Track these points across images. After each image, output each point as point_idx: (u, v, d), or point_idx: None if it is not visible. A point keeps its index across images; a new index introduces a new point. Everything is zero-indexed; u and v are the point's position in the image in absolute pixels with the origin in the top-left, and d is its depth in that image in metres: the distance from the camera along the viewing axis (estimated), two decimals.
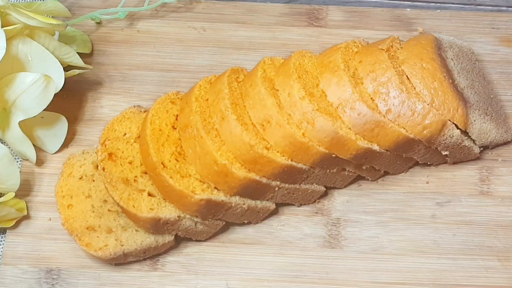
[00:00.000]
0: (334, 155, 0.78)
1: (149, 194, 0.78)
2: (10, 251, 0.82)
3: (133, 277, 0.81)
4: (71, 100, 0.90)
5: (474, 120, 0.82)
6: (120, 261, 0.80)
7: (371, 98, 0.79)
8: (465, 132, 0.82)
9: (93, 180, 0.82)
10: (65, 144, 0.88)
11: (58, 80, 0.83)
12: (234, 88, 0.80)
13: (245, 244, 0.83)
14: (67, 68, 0.87)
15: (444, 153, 0.82)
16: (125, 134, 0.82)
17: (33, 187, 0.86)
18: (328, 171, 0.80)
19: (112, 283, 0.81)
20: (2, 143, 0.86)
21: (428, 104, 0.79)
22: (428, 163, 0.86)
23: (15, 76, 0.82)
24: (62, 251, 0.82)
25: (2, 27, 0.81)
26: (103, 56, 0.94)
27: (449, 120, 0.80)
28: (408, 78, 0.81)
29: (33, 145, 0.85)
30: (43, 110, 0.82)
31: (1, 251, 0.82)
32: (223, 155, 0.76)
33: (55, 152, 0.88)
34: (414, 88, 0.80)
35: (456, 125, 0.80)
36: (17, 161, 0.87)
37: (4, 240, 0.83)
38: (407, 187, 0.86)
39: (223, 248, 0.83)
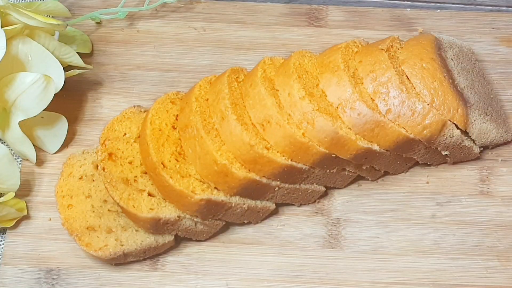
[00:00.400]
0: (334, 155, 0.78)
1: (149, 194, 0.78)
2: (10, 251, 0.82)
3: (133, 277, 0.81)
4: (71, 100, 0.90)
5: (474, 120, 0.82)
6: (120, 261, 0.80)
7: (371, 98, 0.79)
8: (465, 132, 0.82)
9: (93, 180, 0.82)
10: (65, 144, 0.88)
11: (58, 80, 0.83)
12: (234, 88, 0.80)
13: (245, 244, 0.83)
14: (67, 68, 0.87)
15: (444, 153, 0.82)
16: (125, 134, 0.82)
17: (33, 187, 0.86)
18: (328, 171, 0.80)
19: (112, 283, 0.81)
20: (2, 143, 0.86)
21: (428, 104, 0.79)
22: (428, 163, 0.86)
23: (15, 76, 0.82)
24: (62, 251, 0.82)
25: (2, 27, 0.81)
26: (103, 56, 0.94)
27: (449, 120, 0.80)
28: (408, 78, 0.81)
29: (33, 145, 0.85)
30: (43, 110, 0.82)
31: (1, 251, 0.82)
32: (223, 155, 0.76)
33: (55, 152, 0.88)
34: (414, 88, 0.80)
35: (456, 125, 0.80)
36: (17, 161, 0.87)
37: (4, 240, 0.83)
38: (407, 187, 0.86)
39: (223, 248, 0.83)
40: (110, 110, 0.90)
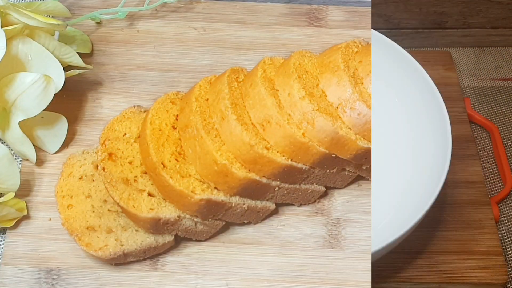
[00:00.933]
0: (334, 155, 0.78)
1: (149, 194, 0.78)
2: (10, 251, 0.82)
3: (133, 277, 0.81)
4: (71, 100, 0.90)
5: None
6: (120, 261, 0.80)
7: (371, 98, 0.79)
8: None
9: (93, 180, 0.82)
10: (65, 144, 0.88)
11: (58, 80, 0.83)
12: (234, 88, 0.80)
13: (245, 244, 0.83)
14: (67, 68, 0.87)
15: None
16: (125, 134, 0.82)
17: (33, 187, 0.86)
18: (328, 171, 0.80)
19: (112, 283, 0.81)
20: (2, 143, 0.86)
21: None
22: None
23: (15, 76, 0.82)
24: (62, 251, 0.82)
25: (2, 27, 0.81)
26: (103, 56, 0.94)
27: None
28: None
29: (33, 145, 0.85)
30: (43, 110, 0.82)
31: (1, 251, 0.82)
32: (223, 155, 0.76)
33: (55, 152, 0.88)
34: None
35: None
36: (17, 161, 0.87)
37: (4, 240, 0.83)
38: None
39: (223, 248, 0.83)
40: (110, 110, 0.90)
